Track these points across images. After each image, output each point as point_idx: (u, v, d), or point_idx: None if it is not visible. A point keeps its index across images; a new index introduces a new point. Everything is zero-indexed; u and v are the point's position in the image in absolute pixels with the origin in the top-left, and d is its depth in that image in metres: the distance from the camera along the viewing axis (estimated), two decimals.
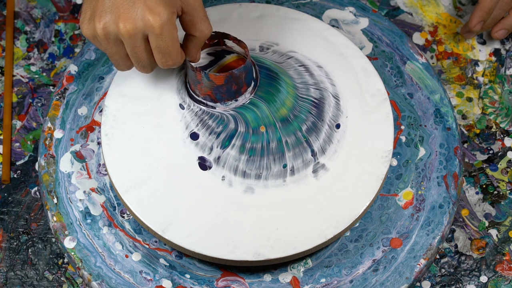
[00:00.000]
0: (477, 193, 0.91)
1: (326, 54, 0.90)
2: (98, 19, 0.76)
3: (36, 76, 0.97)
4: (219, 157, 0.85)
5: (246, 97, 0.87)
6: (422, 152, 0.89)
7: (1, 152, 0.93)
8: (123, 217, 0.86)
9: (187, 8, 0.78)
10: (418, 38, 0.98)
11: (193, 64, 0.86)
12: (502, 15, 0.94)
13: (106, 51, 0.79)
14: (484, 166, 0.92)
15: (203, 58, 0.89)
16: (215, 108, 0.86)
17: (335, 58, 0.90)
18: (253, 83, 0.87)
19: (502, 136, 0.94)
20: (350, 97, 0.88)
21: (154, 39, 0.76)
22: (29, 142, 0.93)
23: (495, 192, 0.91)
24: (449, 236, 0.90)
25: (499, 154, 0.93)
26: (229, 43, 0.87)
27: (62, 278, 0.87)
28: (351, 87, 0.88)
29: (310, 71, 0.89)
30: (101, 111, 0.91)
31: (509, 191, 0.91)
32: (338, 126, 0.87)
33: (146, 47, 0.77)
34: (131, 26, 0.75)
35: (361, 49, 0.93)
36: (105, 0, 0.75)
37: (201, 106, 0.86)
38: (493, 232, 0.90)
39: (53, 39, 0.99)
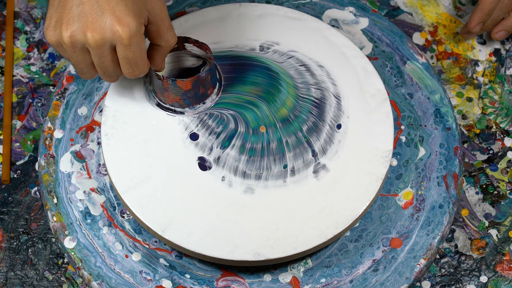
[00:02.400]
0: (477, 193, 0.91)
1: (327, 53, 0.90)
2: (65, 26, 0.75)
3: (36, 76, 0.97)
4: (219, 158, 0.85)
5: (213, 99, 0.87)
6: (422, 152, 0.89)
7: (1, 152, 0.93)
8: (123, 217, 0.86)
9: (153, 18, 0.77)
10: (418, 38, 0.98)
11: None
12: (502, 16, 0.94)
13: (71, 59, 0.78)
14: (484, 166, 0.92)
15: None
16: (183, 113, 0.86)
17: (336, 58, 0.90)
18: (217, 84, 0.87)
19: (502, 136, 0.94)
20: (351, 97, 0.88)
21: (122, 50, 0.75)
22: (29, 142, 0.93)
23: (495, 192, 0.91)
24: (449, 236, 0.90)
25: (499, 154, 0.93)
26: (189, 46, 0.86)
27: (62, 278, 0.87)
28: (352, 87, 0.88)
29: (311, 71, 0.89)
30: (101, 111, 0.91)
31: (509, 191, 0.91)
32: (339, 126, 0.86)
33: (113, 57, 0.77)
34: (99, 36, 0.74)
35: (361, 49, 0.93)
36: (72, 7, 0.74)
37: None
38: (493, 232, 0.90)
39: None
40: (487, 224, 0.90)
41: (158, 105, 0.86)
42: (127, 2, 0.74)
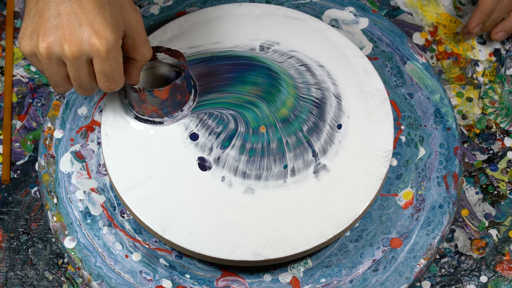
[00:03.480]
0: (477, 193, 0.91)
1: (327, 53, 0.90)
2: (42, 38, 0.73)
3: (36, 76, 0.97)
4: (219, 158, 0.85)
5: (190, 105, 0.86)
6: (422, 152, 0.89)
7: (1, 152, 0.93)
8: (123, 217, 0.86)
9: (129, 32, 0.77)
10: (418, 38, 0.98)
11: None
12: (501, 17, 0.94)
13: (46, 71, 0.76)
14: (484, 166, 0.92)
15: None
16: (162, 123, 0.85)
17: (337, 58, 0.90)
18: (193, 90, 0.87)
19: (502, 136, 0.94)
20: (352, 97, 0.88)
21: (99, 63, 0.75)
22: (29, 142, 0.93)
23: (495, 192, 0.91)
24: (449, 236, 0.90)
25: (499, 154, 0.93)
26: (160, 56, 0.85)
27: (62, 278, 0.87)
28: (352, 87, 0.88)
29: (312, 71, 0.89)
30: (101, 111, 0.91)
31: (509, 191, 0.91)
32: (339, 126, 0.86)
33: (89, 70, 0.76)
34: (76, 48, 0.73)
35: (361, 49, 0.93)
36: (49, 18, 0.73)
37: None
38: (493, 232, 0.90)
39: None
40: (487, 224, 0.90)
41: (136, 117, 0.85)
42: (105, 15, 0.73)
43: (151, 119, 0.85)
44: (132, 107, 0.85)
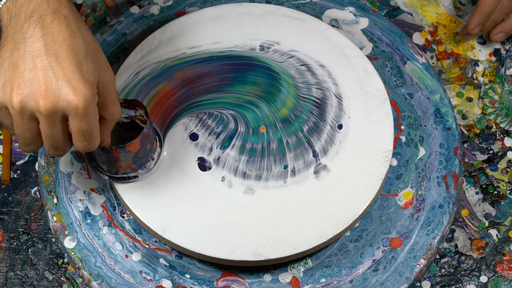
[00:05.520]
0: (477, 193, 0.91)
1: (328, 53, 0.90)
2: (16, 91, 0.70)
3: None
4: (219, 158, 0.85)
5: (158, 152, 0.84)
6: (422, 152, 0.89)
7: (1, 152, 0.92)
8: (123, 217, 0.86)
9: (101, 90, 0.74)
10: (418, 38, 0.98)
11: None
12: (501, 18, 0.94)
13: (16, 127, 0.72)
14: (484, 166, 0.92)
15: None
16: (137, 177, 0.83)
17: (337, 58, 0.90)
18: (155, 135, 0.84)
19: (502, 136, 0.94)
20: (352, 97, 0.88)
21: (77, 121, 0.71)
22: None
23: (495, 192, 0.91)
24: (449, 236, 0.90)
25: (499, 154, 0.93)
26: None
27: (62, 278, 0.87)
28: (353, 87, 0.88)
29: (312, 71, 0.89)
30: None
31: (509, 191, 0.91)
32: (340, 126, 0.86)
33: (64, 128, 0.73)
34: (52, 104, 0.69)
35: (361, 49, 0.93)
36: (24, 71, 0.70)
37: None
38: (493, 232, 0.90)
39: None
40: (487, 224, 0.90)
41: (110, 177, 0.83)
42: (83, 71, 0.70)
43: (125, 175, 0.82)
44: (102, 169, 0.82)
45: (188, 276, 0.84)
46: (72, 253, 0.84)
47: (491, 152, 0.93)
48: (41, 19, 0.70)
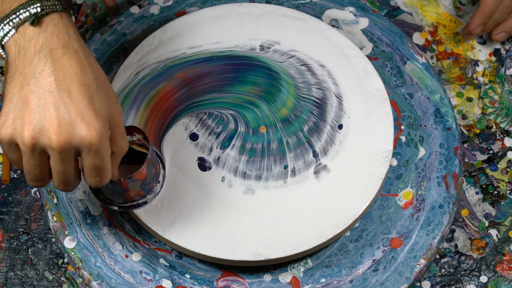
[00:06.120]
0: (477, 193, 0.91)
1: (328, 53, 0.90)
2: (28, 127, 0.69)
3: None
4: (218, 158, 0.85)
5: (162, 173, 0.83)
6: (422, 152, 0.89)
7: (1, 152, 0.92)
8: (123, 217, 0.86)
9: (111, 124, 0.72)
10: (418, 38, 0.98)
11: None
12: (503, 18, 0.94)
13: (26, 163, 0.71)
14: (484, 166, 0.92)
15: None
16: (146, 202, 0.82)
17: (338, 58, 0.90)
18: (158, 159, 0.83)
19: (502, 136, 0.94)
20: (353, 97, 0.88)
21: (90, 157, 0.70)
22: None
23: (495, 192, 0.91)
24: (449, 236, 0.90)
25: (499, 154, 0.93)
26: None
27: (62, 278, 0.87)
28: (353, 87, 0.88)
29: (312, 71, 0.89)
30: None
31: (509, 191, 0.91)
32: (340, 126, 0.86)
33: (75, 163, 0.71)
34: (65, 139, 0.68)
35: (361, 49, 0.93)
36: (36, 107, 0.69)
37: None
38: (493, 232, 0.90)
39: None
40: (487, 224, 0.90)
41: (120, 207, 0.82)
42: (95, 107, 0.70)
43: (134, 203, 0.82)
44: (111, 200, 0.81)
45: (188, 276, 0.84)
46: (72, 253, 0.84)
47: (491, 152, 0.93)
48: (51, 53, 0.69)
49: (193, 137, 0.86)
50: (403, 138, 0.90)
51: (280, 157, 0.85)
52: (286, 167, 0.85)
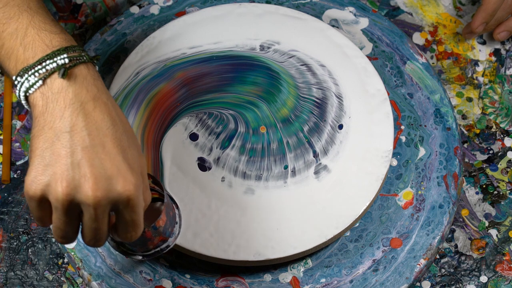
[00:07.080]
0: (477, 193, 0.91)
1: (328, 53, 0.90)
2: (61, 183, 0.66)
3: None
4: (218, 158, 0.85)
5: (178, 213, 0.81)
6: (422, 152, 0.89)
7: (1, 152, 0.92)
8: None
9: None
10: (418, 38, 0.98)
11: None
12: (505, 17, 0.94)
13: (57, 220, 0.68)
14: (484, 166, 0.92)
15: None
16: (169, 245, 0.79)
17: (338, 58, 0.90)
18: (170, 198, 0.81)
19: (502, 136, 0.94)
20: (353, 97, 0.88)
21: (128, 212, 0.68)
22: (29, 142, 0.93)
23: (495, 192, 0.91)
24: (449, 236, 0.90)
25: (499, 154, 0.93)
26: None
27: (62, 278, 0.87)
28: (354, 87, 0.88)
29: (313, 70, 0.89)
30: None
31: (509, 191, 0.91)
32: (340, 126, 0.86)
33: (109, 220, 0.69)
34: (103, 196, 0.66)
35: (361, 49, 0.93)
36: (70, 163, 0.66)
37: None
38: (493, 232, 0.90)
39: None
40: (487, 224, 0.90)
41: (144, 256, 0.79)
42: (129, 160, 0.68)
43: (158, 248, 0.79)
44: (133, 250, 0.79)
45: (188, 276, 0.84)
46: (72, 253, 0.84)
47: (491, 152, 0.93)
48: (82, 106, 0.68)
49: (193, 137, 0.86)
50: (403, 138, 0.90)
51: (280, 157, 0.85)
52: (286, 167, 0.85)
